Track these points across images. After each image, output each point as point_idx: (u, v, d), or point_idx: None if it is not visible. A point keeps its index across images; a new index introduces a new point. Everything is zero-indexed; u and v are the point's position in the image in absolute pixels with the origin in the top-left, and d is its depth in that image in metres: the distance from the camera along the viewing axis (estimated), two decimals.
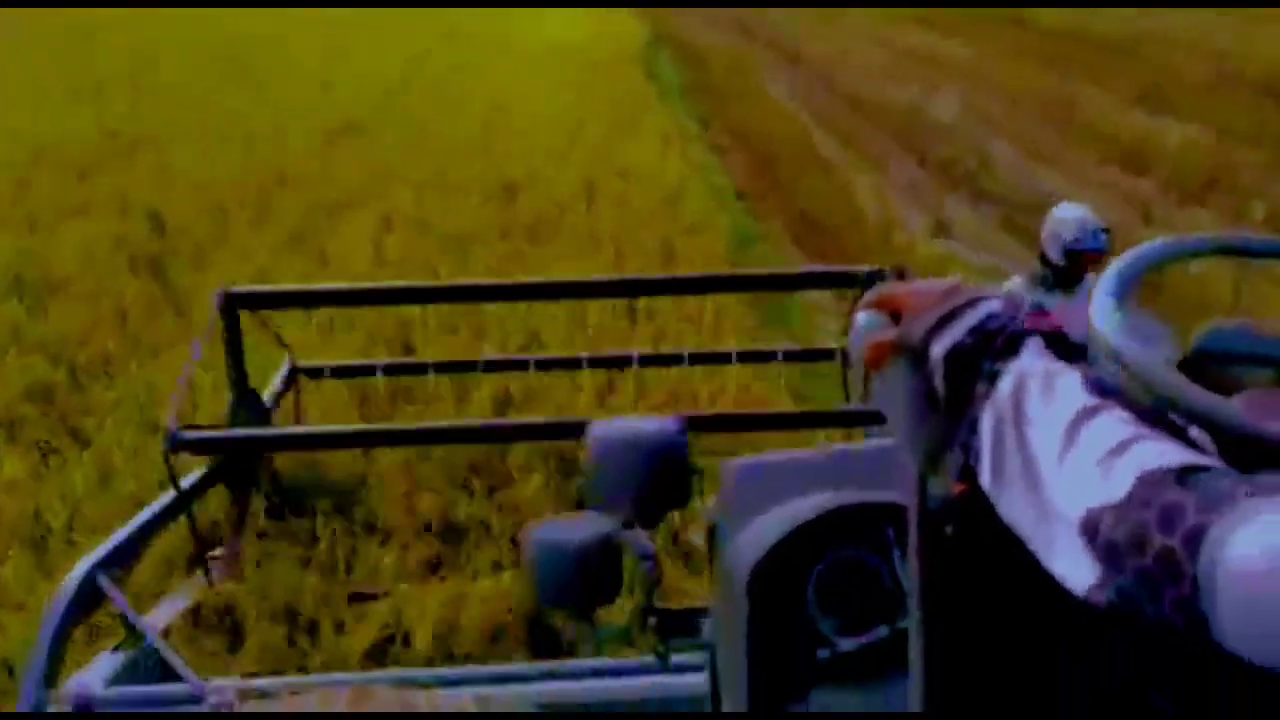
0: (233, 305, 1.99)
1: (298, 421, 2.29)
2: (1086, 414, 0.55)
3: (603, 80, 8.03)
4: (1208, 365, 0.70)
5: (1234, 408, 0.58)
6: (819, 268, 3.42)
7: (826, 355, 2.25)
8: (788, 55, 11.06)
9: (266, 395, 2.20)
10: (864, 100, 8.33)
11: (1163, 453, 0.50)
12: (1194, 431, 0.57)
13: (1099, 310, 0.67)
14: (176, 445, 1.83)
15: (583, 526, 1.00)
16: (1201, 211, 5.39)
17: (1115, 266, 0.72)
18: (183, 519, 1.83)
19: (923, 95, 8.30)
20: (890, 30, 12.71)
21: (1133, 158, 6.32)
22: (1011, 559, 0.59)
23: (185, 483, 1.84)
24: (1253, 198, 5.37)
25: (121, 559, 1.67)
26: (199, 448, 1.92)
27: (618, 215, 4.09)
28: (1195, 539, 0.44)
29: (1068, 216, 2.23)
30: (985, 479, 0.59)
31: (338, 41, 10.65)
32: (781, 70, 10.18)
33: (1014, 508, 0.57)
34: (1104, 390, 0.58)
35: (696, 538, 1.98)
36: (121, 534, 1.70)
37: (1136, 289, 0.70)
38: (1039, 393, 0.58)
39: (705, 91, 8.85)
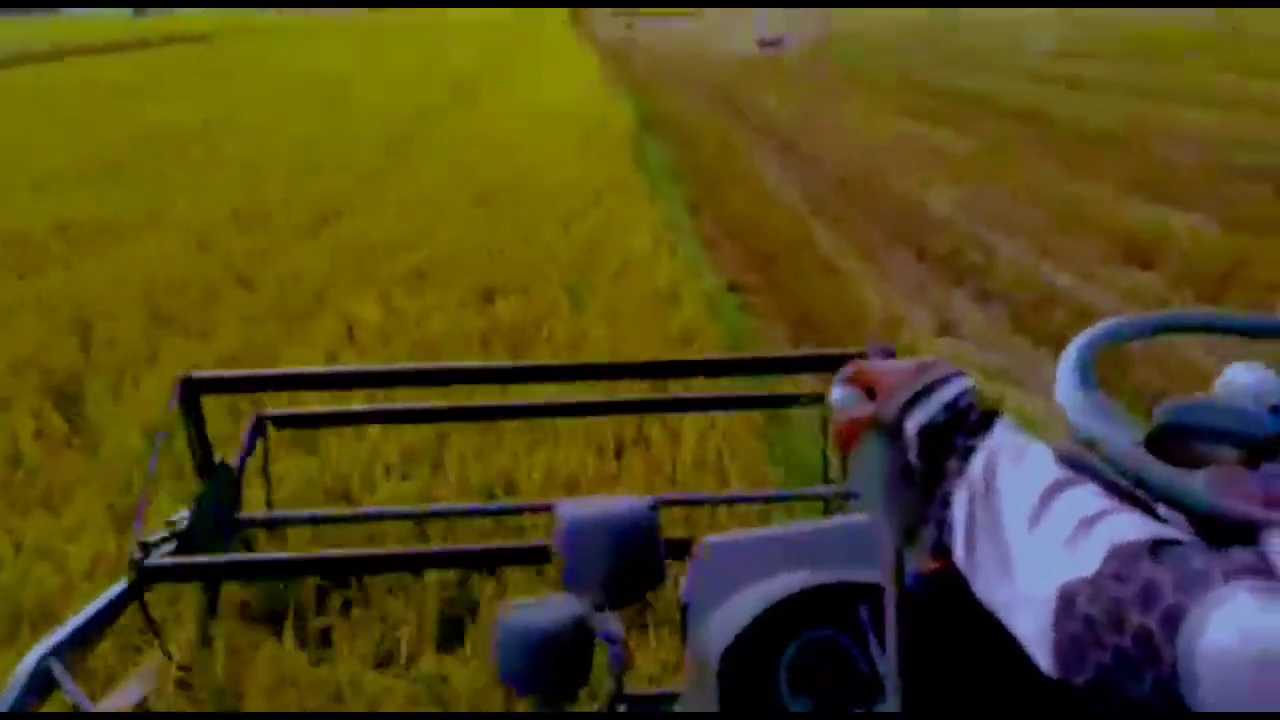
0: (193, 391, 1.93)
1: (267, 483, 2.17)
2: (1057, 488, 0.55)
3: (589, 166, 7.83)
4: (1172, 441, 0.70)
5: (1197, 486, 0.58)
6: (809, 351, 3.41)
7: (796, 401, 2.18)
8: (779, 140, 11.02)
9: (234, 458, 2.11)
10: (858, 190, 8.18)
11: (1134, 526, 0.50)
12: (1163, 507, 0.58)
13: (1063, 389, 0.70)
14: (145, 575, 1.70)
15: (552, 610, 0.96)
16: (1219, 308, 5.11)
17: (1074, 346, 0.74)
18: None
19: (918, 186, 8.16)
20: (881, 118, 12.79)
21: (1139, 251, 6.10)
22: (988, 638, 0.59)
23: (147, 563, 1.74)
24: (1274, 292, 5.11)
25: (76, 645, 1.60)
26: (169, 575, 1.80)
27: (605, 321, 3.73)
28: (1173, 621, 0.43)
29: (1236, 381, 1.57)
30: (959, 556, 0.59)
31: (321, 127, 10.52)
32: (773, 155, 10.10)
33: (988, 585, 0.57)
34: (1074, 464, 0.59)
35: None
36: (77, 619, 1.63)
37: (1096, 369, 0.71)
38: (1009, 467, 0.58)
39: (694, 177, 8.70)
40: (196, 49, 25.14)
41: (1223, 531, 0.52)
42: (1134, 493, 0.57)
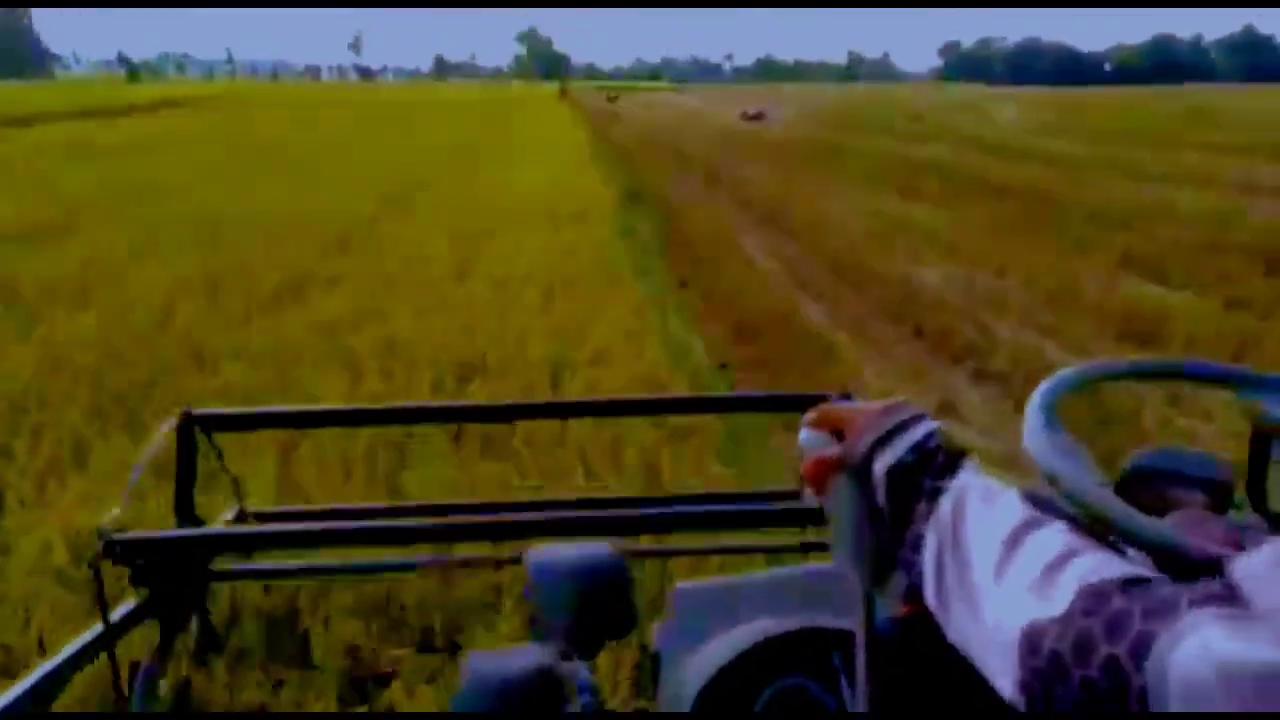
0: (189, 427, 1.86)
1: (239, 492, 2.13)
2: (1025, 529, 0.55)
3: (574, 239, 7.67)
4: (1140, 486, 0.76)
5: (1167, 528, 0.60)
6: (778, 393, 3.35)
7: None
8: (764, 215, 10.98)
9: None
10: (845, 264, 8.06)
11: (1103, 565, 0.51)
12: (1130, 550, 0.59)
13: (1031, 431, 0.72)
14: (110, 549, 1.59)
15: (518, 658, 0.93)
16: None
17: (1042, 390, 0.77)
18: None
19: (906, 261, 8.06)
20: (863, 193, 12.85)
21: (1138, 330, 5.95)
22: (961, 681, 0.59)
23: (114, 616, 1.65)
24: None
25: (36, 702, 1.53)
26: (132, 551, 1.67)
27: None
28: (1141, 648, 0.44)
29: None
30: (930, 600, 0.59)
31: (299, 190, 10.36)
32: (757, 227, 10.02)
33: (958, 628, 0.56)
34: (1042, 505, 0.58)
35: None
36: (36, 675, 1.55)
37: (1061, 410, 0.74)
38: (978, 509, 0.58)
39: (680, 248, 8.56)
40: (186, 113, 25.19)
41: (1188, 570, 0.51)
42: (1099, 533, 0.57)
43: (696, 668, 0.87)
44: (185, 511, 1.88)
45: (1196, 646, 0.42)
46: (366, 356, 3.97)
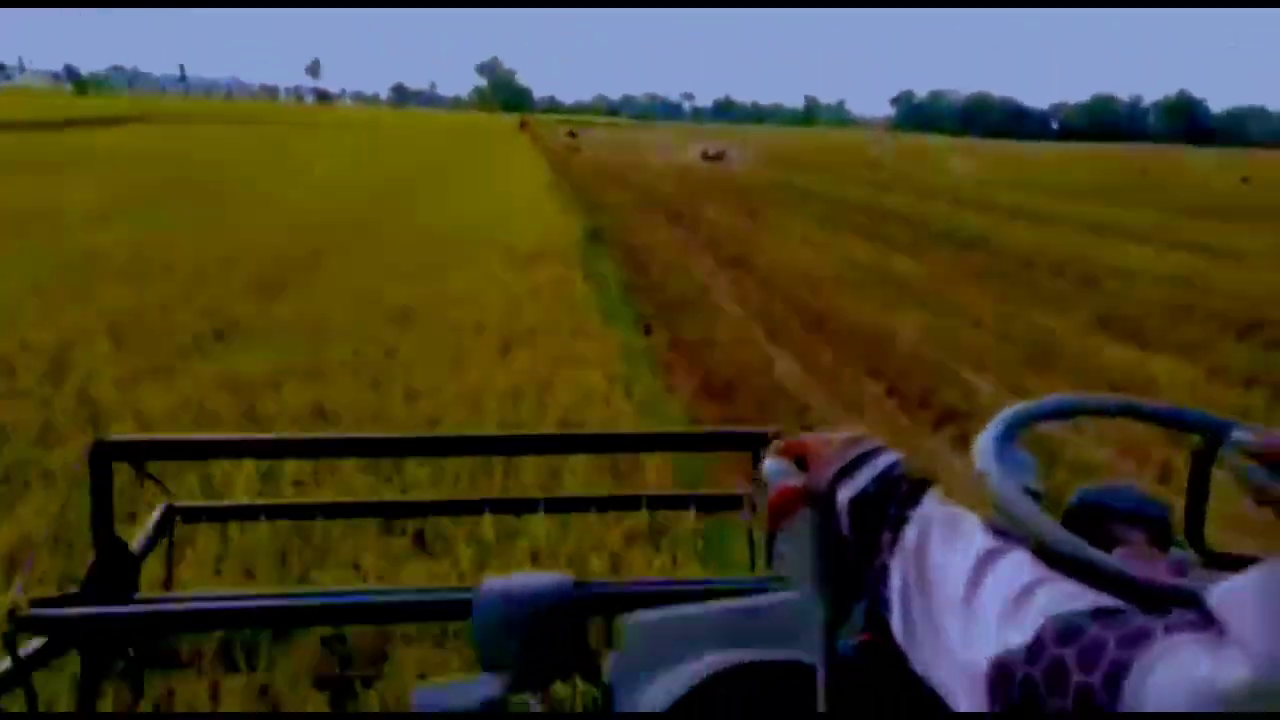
0: (105, 457, 1.63)
1: (169, 573, 1.91)
2: (989, 558, 0.55)
3: (533, 280, 7.23)
4: (1084, 521, 0.76)
5: (1119, 563, 0.60)
6: (730, 429, 3.20)
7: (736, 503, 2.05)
8: (729, 257, 10.70)
9: (138, 543, 1.76)
10: (815, 313, 7.76)
11: (1071, 595, 0.50)
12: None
13: (984, 456, 0.71)
14: (20, 624, 1.39)
15: (464, 690, 0.92)
16: None
17: (992, 427, 0.75)
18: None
19: (879, 312, 7.79)
20: (831, 238, 12.68)
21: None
22: (923, 710, 0.58)
23: (25, 651, 1.41)
24: None
25: None
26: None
27: (549, 489, 2.98)
28: (1116, 676, 0.43)
29: None
30: (897, 632, 0.59)
31: (239, 222, 9.75)
32: (725, 274, 9.71)
33: (925, 658, 0.56)
34: (1005, 533, 0.59)
35: None
36: None
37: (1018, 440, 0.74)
38: (941, 539, 0.58)
39: (645, 294, 8.19)
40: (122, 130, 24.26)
41: (1156, 601, 0.51)
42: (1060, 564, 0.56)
43: (649, 701, 0.84)
44: (106, 543, 1.63)
45: (1173, 671, 0.41)
46: (286, 424, 3.44)
